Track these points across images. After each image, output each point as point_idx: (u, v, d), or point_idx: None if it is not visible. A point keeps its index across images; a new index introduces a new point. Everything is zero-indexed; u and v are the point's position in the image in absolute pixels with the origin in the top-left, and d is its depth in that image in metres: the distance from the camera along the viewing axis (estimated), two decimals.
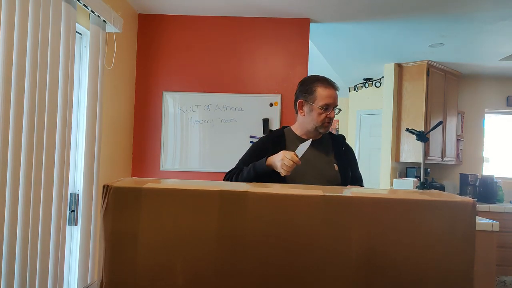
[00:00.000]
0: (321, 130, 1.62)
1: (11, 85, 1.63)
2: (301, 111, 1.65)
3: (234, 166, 1.69)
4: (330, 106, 1.58)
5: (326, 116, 1.58)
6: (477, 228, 0.78)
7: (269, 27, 3.19)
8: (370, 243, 0.74)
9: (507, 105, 4.88)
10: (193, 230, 0.74)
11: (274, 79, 3.17)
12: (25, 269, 1.72)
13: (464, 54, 4.02)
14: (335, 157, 1.66)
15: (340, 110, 1.63)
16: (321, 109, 1.57)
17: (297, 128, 1.70)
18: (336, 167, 1.63)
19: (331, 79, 1.64)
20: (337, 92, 1.62)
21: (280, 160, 1.44)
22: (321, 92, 1.58)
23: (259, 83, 3.18)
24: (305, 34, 3.18)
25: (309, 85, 1.62)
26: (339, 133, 1.45)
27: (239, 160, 1.70)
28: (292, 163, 1.41)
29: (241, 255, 0.74)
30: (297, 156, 1.43)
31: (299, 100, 1.65)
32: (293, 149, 1.50)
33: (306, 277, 0.74)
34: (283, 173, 1.44)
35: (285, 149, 1.56)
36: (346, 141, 1.77)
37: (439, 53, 4.00)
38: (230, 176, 1.64)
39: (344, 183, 1.61)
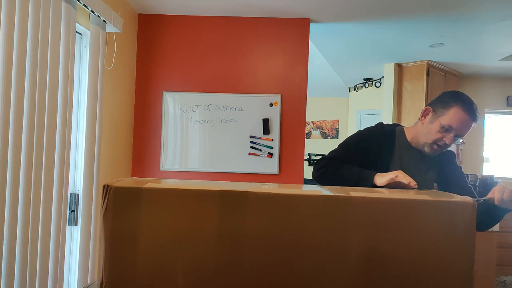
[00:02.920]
0: (426, 150, 1.44)
1: (11, 85, 1.63)
2: (422, 118, 1.48)
3: (331, 153, 1.50)
4: (453, 131, 1.38)
5: (441, 138, 1.39)
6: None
7: (269, 27, 3.19)
8: (370, 242, 0.74)
9: (507, 105, 4.88)
10: (193, 230, 0.74)
11: (274, 79, 3.17)
12: (25, 269, 1.72)
13: (464, 54, 4.02)
14: (437, 176, 1.49)
15: (463, 142, 1.46)
16: (442, 127, 1.38)
17: (410, 133, 1.52)
18: (436, 187, 1.46)
19: (476, 111, 1.39)
20: (473, 124, 1.39)
21: (391, 180, 1.25)
22: (455, 112, 1.37)
23: (259, 83, 3.18)
24: (305, 34, 3.17)
25: (449, 99, 1.41)
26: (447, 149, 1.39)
27: (339, 150, 1.52)
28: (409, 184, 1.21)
29: (241, 254, 0.74)
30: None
31: (427, 107, 1.47)
32: (399, 154, 1.41)
33: (306, 276, 0.74)
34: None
35: (392, 152, 1.46)
36: (455, 158, 1.59)
37: (439, 53, 4.00)
38: (326, 167, 1.43)
39: None
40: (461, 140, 1.42)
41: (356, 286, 0.73)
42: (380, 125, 1.58)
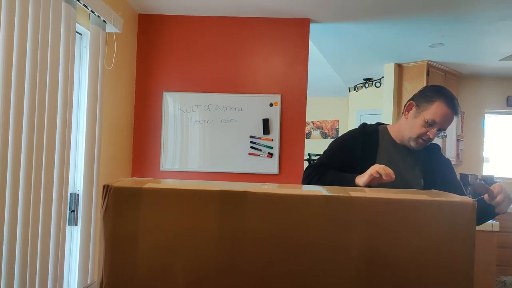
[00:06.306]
0: (412, 144, 1.46)
1: (11, 85, 1.63)
2: (406, 113, 1.49)
3: (317, 160, 1.53)
4: (436, 125, 1.41)
5: (425, 132, 1.43)
6: (477, 228, 0.78)
7: (269, 27, 3.19)
8: (370, 243, 0.74)
9: (507, 105, 4.88)
10: (193, 230, 0.74)
11: (274, 79, 3.17)
12: (25, 269, 1.72)
13: (464, 54, 4.02)
14: (423, 171, 1.50)
15: (445, 135, 1.47)
16: (426, 122, 1.41)
17: (394, 130, 1.54)
18: (423, 182, 1.47)
19: (457, 105, 1.44)
20: (454, 117, 1.44)
21: (371, 175, 1.27)
22: (438, 107, 1.40)
23: (259, 83, 3.18)
24: (305, 34, 3.17)
25: (431, 94, 1.44)
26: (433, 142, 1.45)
27: (324, 155, 1.55)
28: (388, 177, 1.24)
29: (241, 255, 0.74)
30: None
31: (410, 101, 1.49)
32: (385, 152, 1.42)
33: (306, 276, 0.74)
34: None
35: (377, 150, 1.46)
36: (441, 151, 1.59)
37: (439, 53, 4.00)
38: (312, 175, 1.47)
39: None
40: (444, 134, 1.45)
41: (356, 286, 0.73)
42: (363, 125, 1.59)
